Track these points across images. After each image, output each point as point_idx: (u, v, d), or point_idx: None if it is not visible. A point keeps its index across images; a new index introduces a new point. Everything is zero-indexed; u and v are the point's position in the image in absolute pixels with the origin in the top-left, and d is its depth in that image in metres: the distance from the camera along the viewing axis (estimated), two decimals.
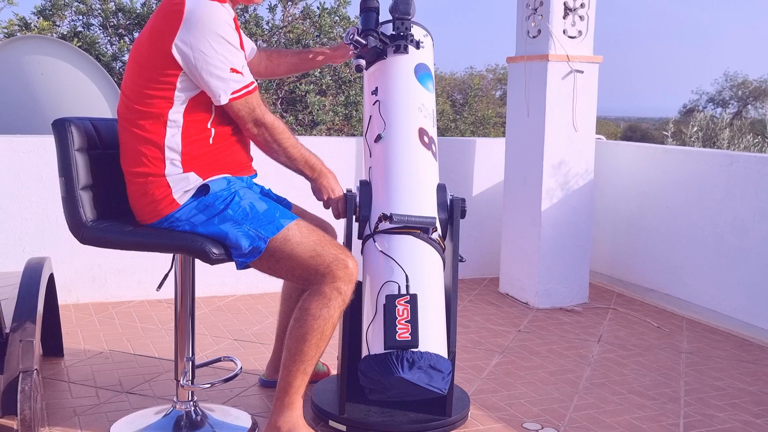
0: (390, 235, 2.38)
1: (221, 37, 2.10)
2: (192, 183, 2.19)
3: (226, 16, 2.13)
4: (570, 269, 4.18)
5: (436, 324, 2.30)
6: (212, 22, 2.09)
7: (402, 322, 2.19)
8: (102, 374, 2.96)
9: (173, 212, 2.18)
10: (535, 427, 2.60)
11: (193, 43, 2.08)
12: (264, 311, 3.89)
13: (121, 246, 2.24)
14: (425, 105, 2.57)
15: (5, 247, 3.74)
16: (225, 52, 2.10)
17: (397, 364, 2.16)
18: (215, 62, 2.09)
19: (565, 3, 3.99)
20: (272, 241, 2.15)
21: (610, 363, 3.28)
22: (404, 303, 2.22)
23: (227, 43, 2.11)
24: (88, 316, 3.72)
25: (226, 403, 2.70)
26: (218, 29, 2.09)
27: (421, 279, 2.31)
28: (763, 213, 3.70)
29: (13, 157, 3.74)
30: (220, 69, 2.10)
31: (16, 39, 5.39)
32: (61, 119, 2.28)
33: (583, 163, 4.14)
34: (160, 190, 2.18)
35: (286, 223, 2.18)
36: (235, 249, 2.17)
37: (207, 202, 2.18)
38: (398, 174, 2.46)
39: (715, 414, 2.76)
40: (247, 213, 2.17)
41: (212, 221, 2.17)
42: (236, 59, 2.14)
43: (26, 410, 2.23)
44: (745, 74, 31.39)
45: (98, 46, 7.00)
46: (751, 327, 3.75)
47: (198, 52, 2.08)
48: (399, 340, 2.17)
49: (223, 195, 2.19)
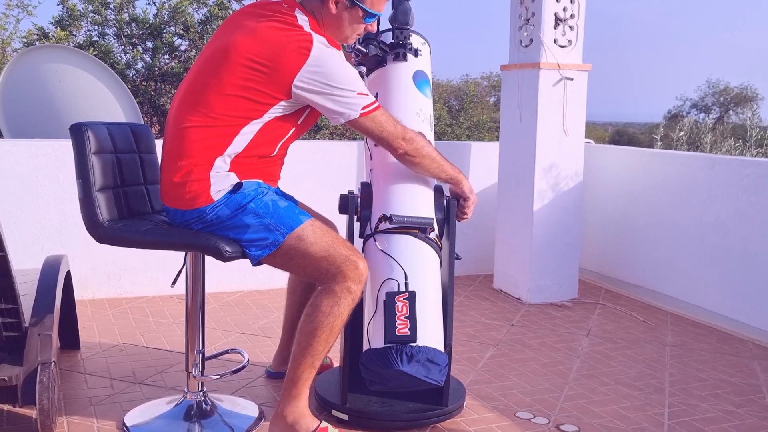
0: (390, 235, 2.38)
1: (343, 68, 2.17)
2: (229, 182, 2.19)
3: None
4: (560, 266, 4.18)
5: (434, 319, 2.30)
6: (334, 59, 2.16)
7: (401, 318, 2.21)
8: (116, 366, 2.96)
9: (205, 207, 2.17)
10: (528, 416, 2.60)
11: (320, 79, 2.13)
12: (270, 306, 3.89)
13: (136, 245, 2.24)
14: (423, 110, 2.56)
15: (25, 245, 3.75)
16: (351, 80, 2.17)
17: (397, 358, 2.18)
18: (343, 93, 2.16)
19: (555, 14, 3.99)
20: (288, 239, 2.15)
21: (598, 355, 3.29)
22: (403, 300, 2.24)
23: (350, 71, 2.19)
24: (103, 311, 3.72)
25: (235, 394, 2.70)
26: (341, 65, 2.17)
27: (419, 277, 2.31)
28: (743, 213, 3.70)
29: (32, 160, 3.74)
30: (348, 96, 2.16)
31: (34, 48, 5.39)
32: (78, 124, 2.28)
33: (573, 166, 4.14)
34: (201, 184, 2.16)
35: (304, 219, 2.19)
36: (252, 243, 2.17)
37: (235, 199, 2.17)
38: (397, 176, 2.46)
39: (698, 404, 2.76)
40: (269, 207, 2.17)
41: (236, 213, 2.16)
42: (359, 84, 2.19)
43: (44, 400, 2.23)
44: (726, 81, 31.32)
45: (113, 54, 6.99)
46: (732, 321, 3.75)
47: (323, 86, 2.13)
48: (398, 335, 2.19)
49: (250, 193, 2.19)
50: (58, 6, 7.20)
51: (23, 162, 3.73)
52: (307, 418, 2.24)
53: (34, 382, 2.21)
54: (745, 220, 3.70)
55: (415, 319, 2.21)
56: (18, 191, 3.73)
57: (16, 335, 2.30)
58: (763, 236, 3.60)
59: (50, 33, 7.12)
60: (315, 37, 2.13)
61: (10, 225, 3.71)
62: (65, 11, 7.14)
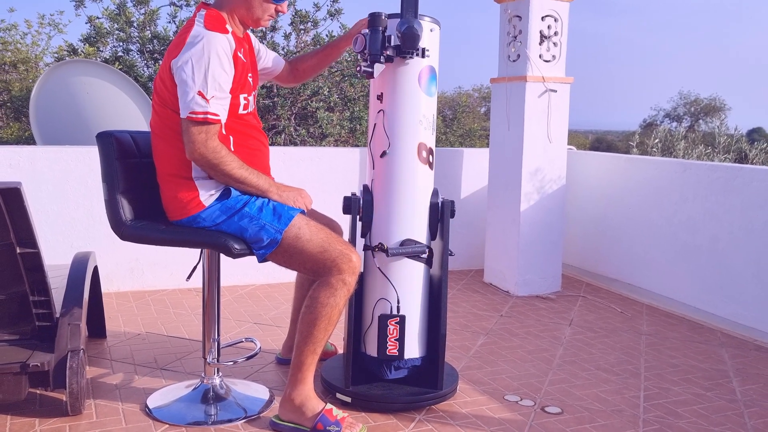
0: (382, 253, 2.43)
1: (206, 63, 2.05)
2: (216, 187, 2.19)
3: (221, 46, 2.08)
4: (545, 262, 4.18)
5: (417, 334, 2.50)
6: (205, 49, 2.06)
7: (392, 339, 2.45)
8: (139, 353, 2.96)
9: (199, 212, 2.18)
10: (515, 398, 2.60)
11: (179, 63, 2.06)
12: (280, 298, 3.89)
13: (156, 242, 2.24)
14: (426, 116, 2.44)
15: (55, 243, 3.74)
16: (199, 76, 2.05)
17: (387, 370, 2.50)
18: (189, 83, 2.05)
19: (540, 31, 3.98)
20: (286, 238, 2.15)
21: (579, 343, 3.28)
22: (394, 324, 2.44)
23: (205, 70, 2.05)
24: (127, 303, 3.71)
25: (247, 378, 2.70)
26: (210, 55, 2.05)
27: (409, 300, 2.47)
28: (712, 213, 3.70)
29: (62, 165, 3.74)
30: (191, 89, 2.05)
31: (65, 63, 5.39)
32: (104, 132, 2.28)
33: (556, 170, 4.13)
34: (189, 192, 2.18)
35: (294, 213, 2.18)
36: (255, 243, 2.17)
37: (228, 205, 2.17)
38: (397, 188, 2.43)
39: (671, 387, 2.76)
40: (261, 209, 2.17)
41: (232, 219, 2.17)
42: (209, 87, 2.06)
43: (74, 384, 2.23)
44: (697, 93, 31.25)
45: (136, 68, 6.97)
46: (702, 312, 3.75)
47: (179, 70, 2.06)
48: (388, 355, 2.47)
49: (242, 198, 2.19)
50: (87, 24, 7.19)
51: (54, 166, 3.73)
52: (312, 400, 2.24)
53: (64, 367, 2.21)
54: (713, 220, 3.69)
55: (403, 341, 2.46)
56: (49, 193, 3.73)
57: (48, 325, 2.31)
58: (730, 234, 3.60)
59: (79, 49, 7.11)
60: (197, 30, 2.09)
61: (42, 224, 3.70)
62: (93, 29, 7.13)
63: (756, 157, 9.22)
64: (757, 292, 3.46)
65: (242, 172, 2.15)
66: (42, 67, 9.07)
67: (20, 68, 9.10)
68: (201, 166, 2.14)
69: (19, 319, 2.28)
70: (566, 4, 4.03)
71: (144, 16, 7.20)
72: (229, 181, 2.16)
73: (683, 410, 2.54)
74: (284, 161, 4.16)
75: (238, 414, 2.36)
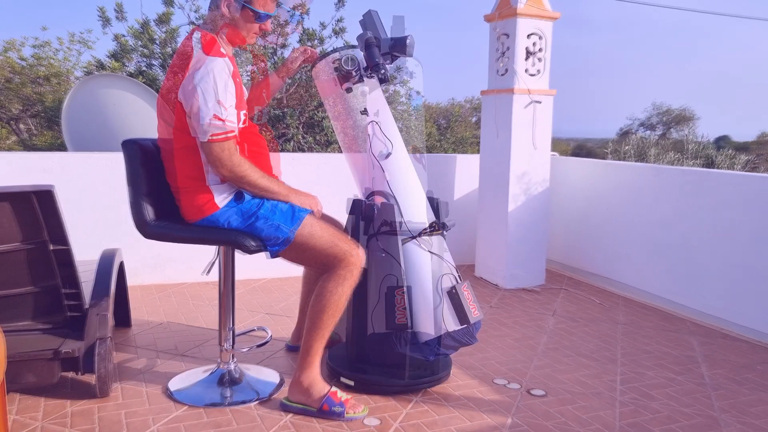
0: (389, 236, 2.39)
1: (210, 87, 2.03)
2: (228, 190, 2.18)
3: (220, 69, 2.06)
4: (531, 258, 4.18)
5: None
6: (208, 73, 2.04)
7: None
8: (162, 341, 2.96)
9: (213, 213, 2.18)
10: (503, 382, 2.60)
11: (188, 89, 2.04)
12: (290, 290, 3.89)
13: (176, 240, 2.24)
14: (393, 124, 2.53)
15: (85, 240, 3.74)
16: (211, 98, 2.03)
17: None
18: (204, 108, 2.03)
19: (526, 48, 3.98)
20: (298, 236, 2.15)
21: (562, 332, 3.28)
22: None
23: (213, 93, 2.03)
24: (150, 295, 3.71)
25: (260, 364, 2.70)
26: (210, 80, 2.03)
27: (413, 274, 2.39)
28: (683, 213, 3.70)
29: (90, 169, 3.74)
30: (206, 114, 2.03)
31: (93, 77, 5.39)
32: (129, 140, 2.28)
33: (541, 174, 4.13)
34: (204, 195, 2.17)
35: (303, 214, 2.18)
36: (268, 241, 2.17)
37: (243, 209, 2.17)
38: (400, 181, 2.46)
39: (645, 372, 2.76)
40: (274, 211, 2.17)
41: (248, 221, 2.17)
42: (221, 108, 2.04)
43: (102, 369, 2.23)
44: (668, 104, 31.22)
45: (158, 82, 6.98)
46: (673, 303, 3.75)
47: (189, 97, 2.04)
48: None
49: (254, 201, 2.18)
50: (113, 42, 7.19)
51: (83, 171, 3.73)
52: (319, 383, 2.24)
53: (93, 354, 2.21)
54: (684, 219, 3.69)
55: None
56: (80, 195, 3.73)
57: (78, 315, 2.31)
58: (700, 232, 3.60)
59: (106, 64, 7.11)
60: (199, 56, 2.07)
61: (73, 223, 3.67)
62: (119, 46, 7.13)
63: (722, 162, 9.22)
64: (724, 285, 3.46)
65: (264, 181, 2.16)
66: (73, 81, 9.07)
67: (53, 81, 9.11)
68: (230, 181, 2.14)
69: (51, 309, 2.28)
70: (550, 22, 4.02)
71: (165, 34, 7.20)
72: (253, 190, 2.16)
73: (656, 393, 2.54)
74: (294, 166, 4.16)
75: (251, 396, 2.36)
